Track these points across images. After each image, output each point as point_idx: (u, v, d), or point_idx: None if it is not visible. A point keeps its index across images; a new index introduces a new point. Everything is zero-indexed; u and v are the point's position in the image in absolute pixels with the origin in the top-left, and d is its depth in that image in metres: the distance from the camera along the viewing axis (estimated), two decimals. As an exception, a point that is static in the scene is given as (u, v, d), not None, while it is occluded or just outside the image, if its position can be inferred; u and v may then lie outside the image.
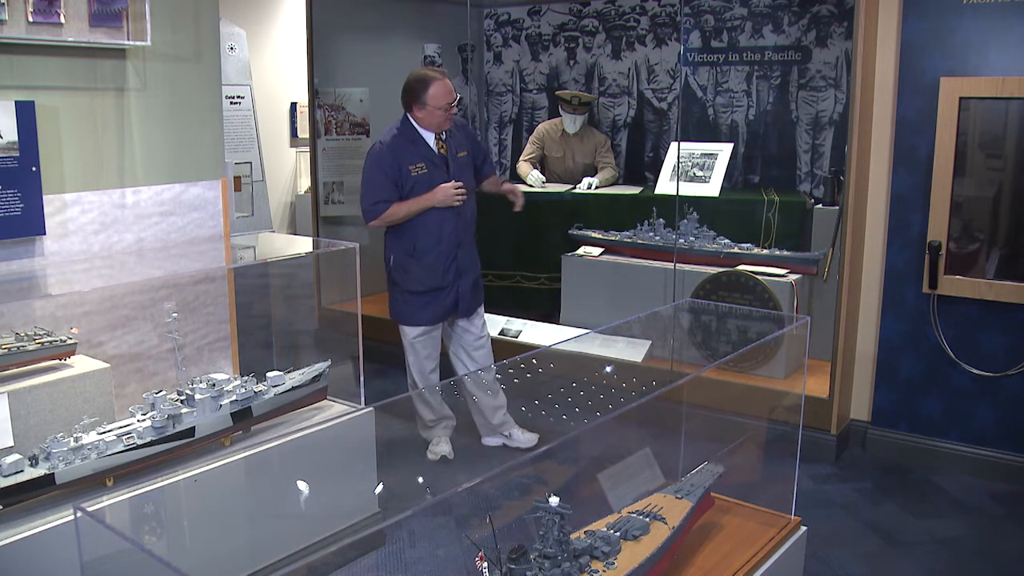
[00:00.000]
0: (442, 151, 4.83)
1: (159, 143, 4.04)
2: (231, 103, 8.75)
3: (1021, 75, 4.51)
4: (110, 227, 3.88)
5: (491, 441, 5.18)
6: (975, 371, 4.86)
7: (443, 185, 4.78)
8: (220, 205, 4.32)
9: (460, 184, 4.83)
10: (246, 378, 3.82)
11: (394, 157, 4.71)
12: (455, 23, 7.91)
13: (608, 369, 5.07)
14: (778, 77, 6.91)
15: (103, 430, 3.28)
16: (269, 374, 3.91)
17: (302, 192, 9.72)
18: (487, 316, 6.50)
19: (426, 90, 4.68)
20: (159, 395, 3.45)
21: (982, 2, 4.59)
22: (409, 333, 4.92)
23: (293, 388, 3.92)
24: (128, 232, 3.95)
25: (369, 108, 7.39)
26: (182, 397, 3.55)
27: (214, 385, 3.60)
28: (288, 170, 10.02)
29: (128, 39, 3.77)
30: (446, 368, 5.23)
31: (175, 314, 3.78)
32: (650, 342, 5.71)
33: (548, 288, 6.94)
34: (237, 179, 8.60)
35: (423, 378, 4.98)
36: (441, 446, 5.00)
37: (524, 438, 5.12)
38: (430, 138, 4.80)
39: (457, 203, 4.83)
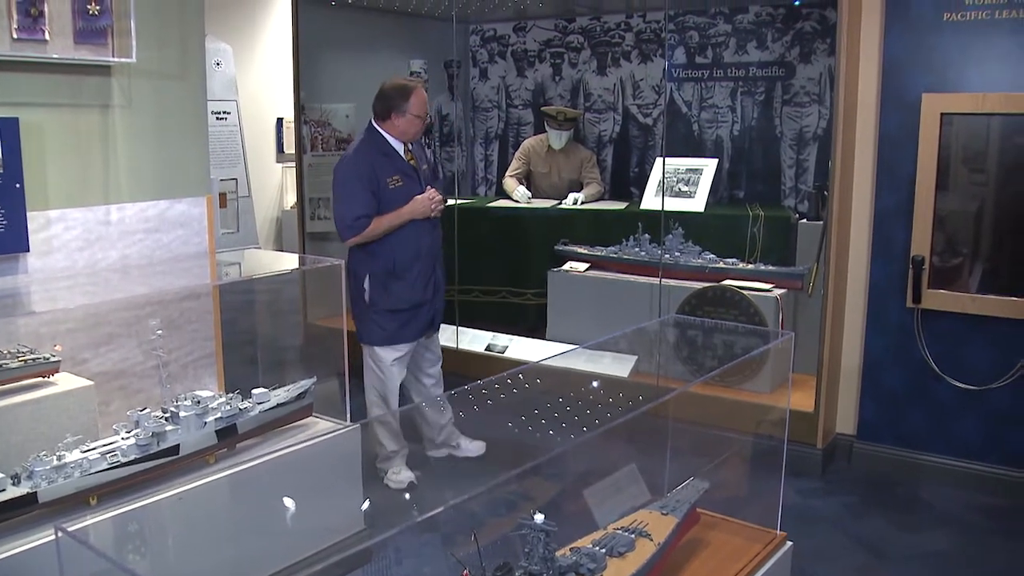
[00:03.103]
0: (411, 162, 4.79)
1: (144, 160, 4.02)
2: (217, 119, 8.73)
3: (1001, 91, 4.55)
4: (94, 244, 3.86)
5: (437, 454, 5.16)
6: (959, 384, 4.87)
7: (420, 196, 4.73)
8: (205, 222, 4.30)
9: (436, 194, 4.81)
10: (231, 395, 3.80)
11: (372, 169, 4.64)
12: (441, 39, 7.92)
13: (594, 384, 5.07)
14: (762, 93, 6.94)
15: (87, 448, 3.25)
16: (254, 391, 3.88)
17: (288, 208, 9.71)
18: (472, 332, 6.57)
19: (407, 98, 4.67)
20: (143, 413, 3.42)
21: (962, 20, 4.63)
22: (386, 357, 4.80)
23: (278, 405, 3.90)
24: (113, 249, 3.94)
25: (355, 124, 7.37)
26: (166, 415, 3.53)
27: (199, 402, 3.57)
28: (274, 186, 10.00)
29: (113, 56, 3.76)
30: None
31: (160, 331, 3.76)
32: (636, 357, 5.68)
33: (534, 304, 6.92)
34: (223, 195, 8.58)
35: (388, 404, 4.88)
36: (403, 474, 4.87)
37: (472, 447, 5.14)
38: (400, 148, 4.76)
39: (435, 214, 4.80)
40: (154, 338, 3.74)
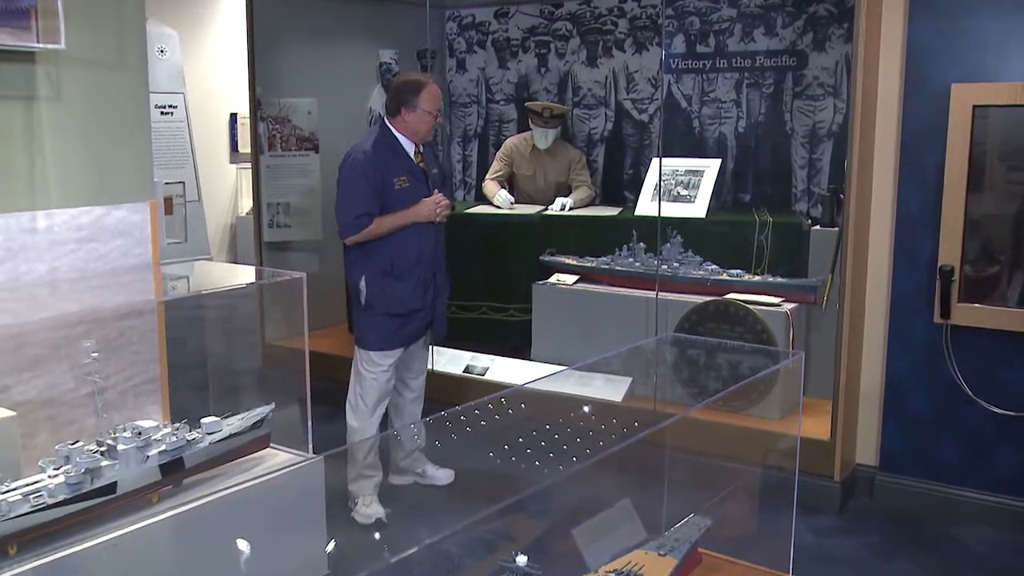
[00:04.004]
0: (421, 164, 4.98)
1: (76, 160, 3.96)
2: (161, 113, 8.66)
3: (1042, 80, 4.54)
4: (18, 255, 3.79)
5: (400, 480, 5.27)
6: (996, 410, 4.85)
7: (427, 199, 4.93)
8: (148, 230, 4.24)
9: (443, 198, 4.99)
10: (177, 425, 3.73)
11: (378, 168, 4.82)
12: (413, 26, 7.90)
13: (585, 410, 5.04)
14: (771, 85, 6.94)
15: (7, 488, 3.18)
16: (204, 420, 3.82)
17: (243, 214, 9.65)
18: (450, 352, 6.55)
19: (419, 93, 4.87)
20: (75, 446, 3.35)
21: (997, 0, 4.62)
22: (379, 360, 4.99)
23: (232, 435, 3.83)
24: (40, 261, 3.87)
25: (318, 121, 7.36)
26: (102, 448, 3.46)
27: (140, 434, 3.50)
28: (228, 189, 9.93)
29: (38, 41, 3.69)
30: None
31: (95, 354, 3.69)
32: (631, 379, 5.69)
33: (518, 320, 6.90)
34: (168, 200, 8.50)
35: (373, 411, 5.05)
36: (373, 507, 4.92)
37: (439, 474, 5.26)
38: (410, 149, 4.95)
39: (440, 219, 4.98)
40: (88, 361, 3.66)
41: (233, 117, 9.68)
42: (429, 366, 6.24)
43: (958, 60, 4.73)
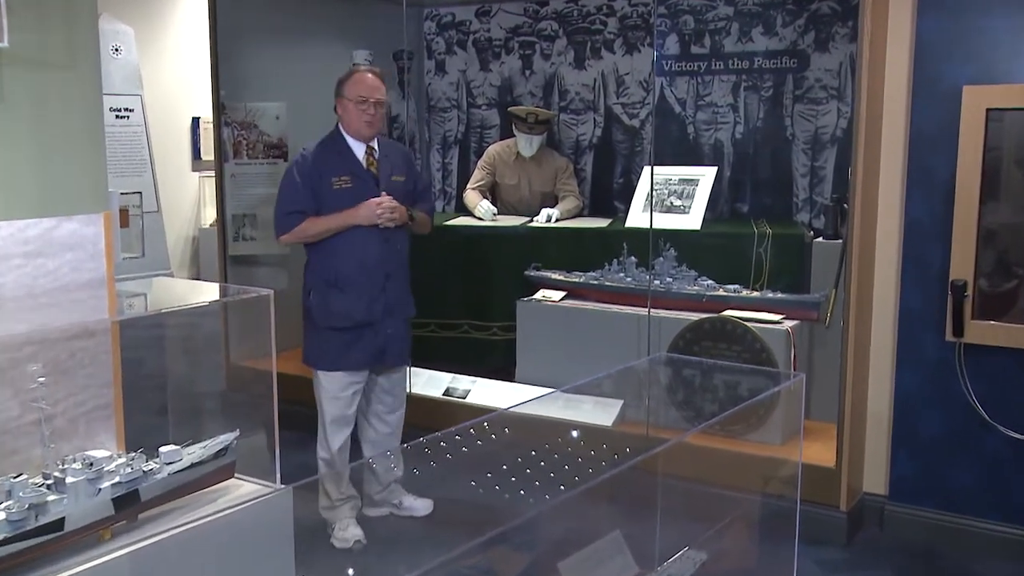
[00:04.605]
0: (372, 168, 4.98)
1: (22, 168, 3.90)
2: (117, 117, 8.61)
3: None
4: (-40, 271, 3.75)
5: (376, 512, 5.26)
6: (1013, 434, 4.84)
7: (368, 201, 4.90)
8: (102, 243, 4.19)
9: (389, 199, 4.94)
10: (133, 454, 3.67)
11: (315, 165, 4.93)
12: (389, 25, 7.88)
13: (573, 435, 5.08)
14: (770, 88, 6.96)
15: (-57, 526, 3.13)
16: (162, 449, 3.77)
17: (207, 226, 9.63)
18: (428, 373, 6.52)
19: (346, 81, 4.95)
20: (18, 480, 3.30)
21: (1013, -5, 4.63)
22: (327, 383, 4.99)
23: (192, 465, 3.78)
24: (-16, 277, 3.82)
25: (287, 126, 7.33)
26: (49, 481, 3.40)
27: (91, 464, 3.45)
28: (189, 199, 9.90)
29: (-20, 40, 3.66)
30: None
31: (42, 378, 3.64)
32: (622, 403, 5.73)
33: (501, 339, 6.90)
34: (124, 211, 8.46)
35: (338, 447, 5.04)
36: (350, 530, 5.00)
37: (418, 504, 5.26)
38: (359, 150, 4.97)
39: (385, 222, 4.91)
40: (34, 387, 3.62)
41: (195, 121, 9.64)
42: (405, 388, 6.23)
43: (970, 60, 4.73)
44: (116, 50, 8.49)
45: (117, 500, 3.47)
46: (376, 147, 5.02)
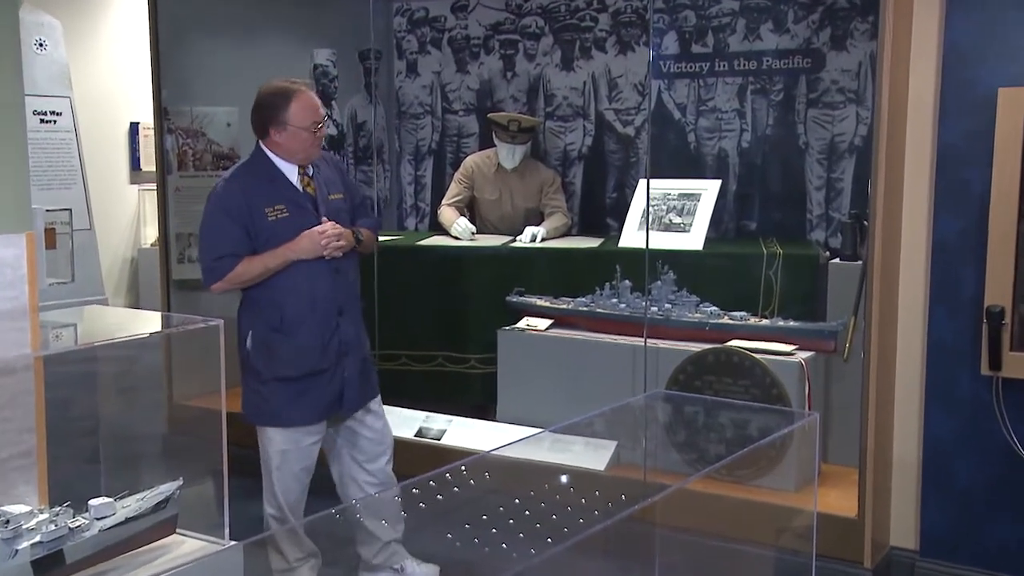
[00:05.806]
0: (308, 190, 4.80)
1: (-69, 181, 3.91)
2: (41, 121, 8.57)
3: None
4: None
5: None
6: (1058, 482, 4.84)
7: (309, 231, 4.70)
8: (24, 268, 4.18)
9: (332, 224, 4.76)
10: (58, 509, 3.64)
11: (244, 197, 4.67)
12: (355, 22, 7.92)
13: (562, 480, 5.06)
14: (781, 91, 6.99)
15: None
16: (92, 502, 3.74)
17: (147, 245, 9.60)
18: (398, 411, 6.47)
19: (287, 105, 4.67)
20: (-77, 539, 3.28)
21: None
22: (276, 440, 4.80)
23: (128, 520, 3.75)
24: None
25: (238, 134, 7.32)
26: (-44, 542, 3.38)
27: (7, 522, 3.42)
28: (127, 216, 9.86)
29: None
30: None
31: (-46, 420, 3.63)
32: (616, 444, 5.72)
33: (480, 373, 6.90)
34: (51, 231, 8.39)
35: (290, 503, 4.86)
36: None
37: (421, 571, 5.06)
38: (292, 173, 4.77)
39: (332, 252, 4.75)
40: (-54, 430, 3.61)
41: (134, 128, 9.60)
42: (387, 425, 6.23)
43: (1006, 60, 4.74)
44: (40, 45, 8.46)
45: (37, 563, 3.44)
46: (309, 167, 4.83)
